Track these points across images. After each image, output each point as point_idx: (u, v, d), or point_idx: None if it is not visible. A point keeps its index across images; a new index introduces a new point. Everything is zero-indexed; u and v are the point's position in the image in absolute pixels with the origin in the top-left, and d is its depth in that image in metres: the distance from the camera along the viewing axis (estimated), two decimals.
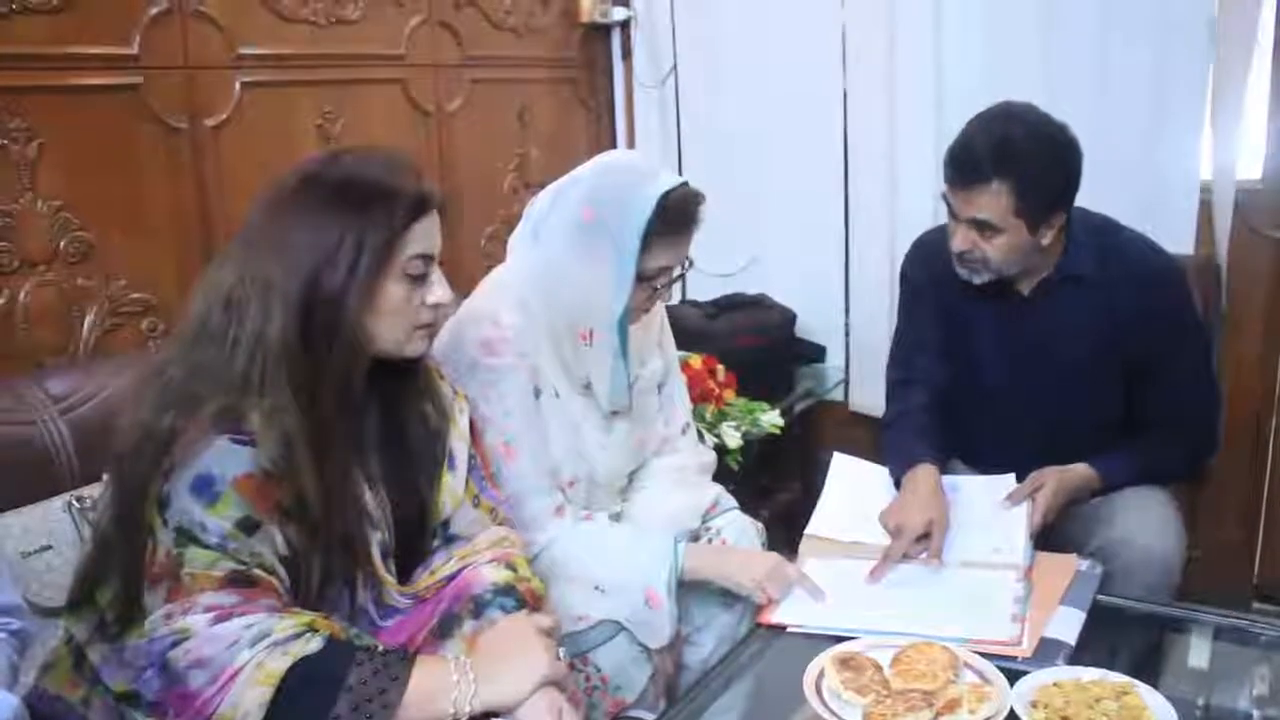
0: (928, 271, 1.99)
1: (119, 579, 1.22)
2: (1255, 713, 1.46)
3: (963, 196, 1.77)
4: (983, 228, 1.77)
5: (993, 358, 1.93)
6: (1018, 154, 1.73)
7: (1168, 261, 1.92)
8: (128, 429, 1.23)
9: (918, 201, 2.75)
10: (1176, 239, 2.31)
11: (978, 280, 1.84)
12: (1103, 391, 1.90)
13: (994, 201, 1.74)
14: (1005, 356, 1.92)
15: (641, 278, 1.61)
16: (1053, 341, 1.88)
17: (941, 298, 1.96)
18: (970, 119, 1.82)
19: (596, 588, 1.62)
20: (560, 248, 1.63)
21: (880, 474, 1.92)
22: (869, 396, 2.80)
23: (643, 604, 1.61)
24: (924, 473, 1.82)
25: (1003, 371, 1.93)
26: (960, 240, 1.80)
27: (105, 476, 1.30)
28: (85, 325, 1.88)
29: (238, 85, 2.10)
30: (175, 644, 1.14)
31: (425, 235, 1.30)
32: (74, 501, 1.51)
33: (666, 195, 1.59)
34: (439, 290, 1.32)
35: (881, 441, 2.00)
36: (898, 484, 1.85)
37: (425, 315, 1.33)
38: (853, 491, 1.90)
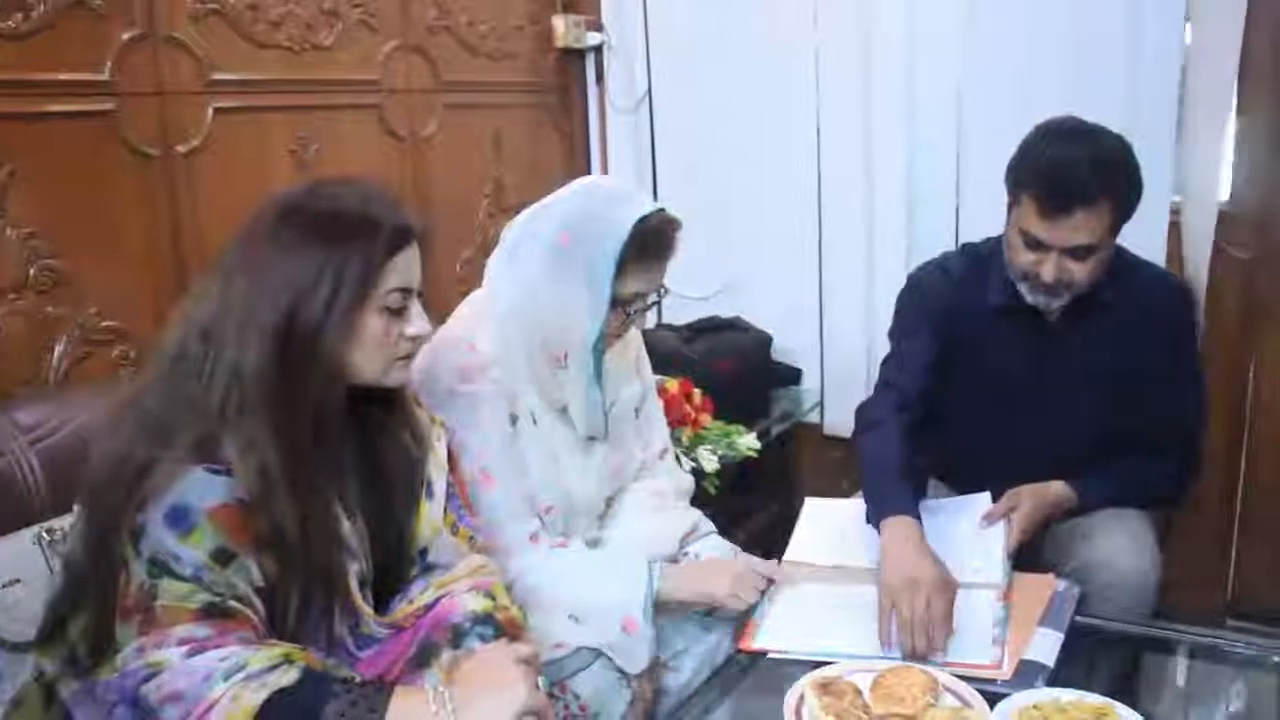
0: (946, 299, 1.94)
1: (91, 612, 1.20)
2: None
3: (1066, 223, 1.69)
4: (1079, 251, 1.72)
5: (1009, 383, 1.91)
6: (1116, 167, 1.70)
7: (1179, 283, 1.93)
8: (101, 459, 1.22)
9: (891, 224, 2.78)
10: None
11: (1055, 304, 1.80)
12: (1112, 412, 1.89)
13: (1096, 221, 1.68)
14: (1022, 381, 1.90)
15: (615, 303, 1.61)
16: (1072, 364, 1.87)
17: (954, 326, 1.91)
18: (1035, 143, 1.77)
19: (570, 616, 1.61)
20: (536, 272, 1.63)
21: (853, 506, 1.87)
22: (844, 419, 2.81)
23: (619, 630, 1.60)
24: (905, 531, 1.65)
25: (1017, 395, 1.91)
26: (1051, 269, 1.73)
27: (77, 508, 1.29)
28: (56, 354, 1.86)
29: (210, 111, 2.09)
30: (148, 678, 1.12)
31: (405, 268, 1.29)
32: (44, 534, 1.48)
33: (643, 221, 1.59)
34: (418, 323, 1.32)
35: (858, 446, 1.90)
36: (871, 520, 1.74)
37: (404, 347, 1.32)
38: (827, 525, 1.89)
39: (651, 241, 1.61)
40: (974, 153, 2.66)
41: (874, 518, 1.72)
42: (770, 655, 1.59)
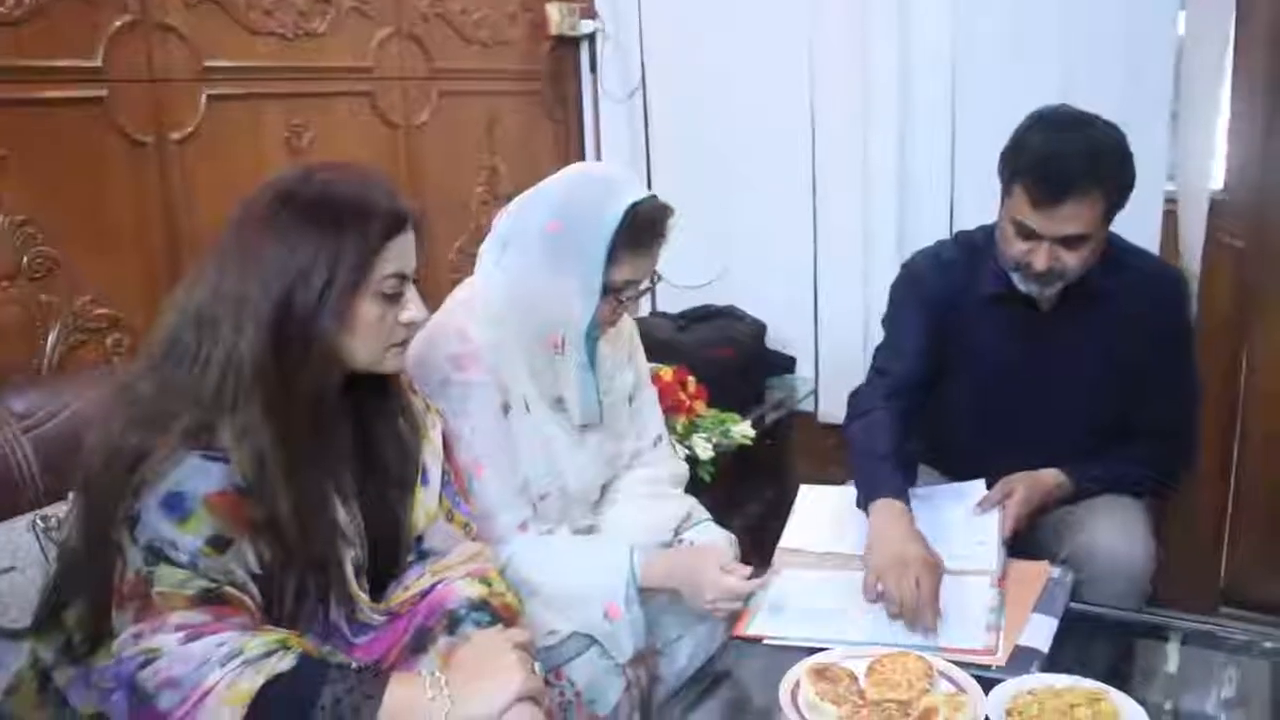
0: (940, 287, 1.93)
1: (87, 599, 1.20)
2: (1223, 715, 1.48)
3: (1058, 213, 1.69)
4: (1070, 240, 1.72)
5: (1002, 371, 1.91)
6: (1108, 157, 1.70)
7: (1175, 273, 1.93)
8: (96, 447, 1.22)
9: (886, 212, 2.78)
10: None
11: (1048, 293, 1.81)
12: (1103, 402, 1.89)
13: (1088, 211, 1.69)
14: (1016, 370, 1.90)
15: (607, 290, 1.61)
16: (1065, 354, 1.88)
17: (947, 313, 1.92)
18: (1028, 133, 1.76)
19: (552, 603, 1.61)
20: (528, 259, 1.63)
21: (848, 494, 1.87)
22: (838, 407, 2.80)
23: (601, 617, 1.60)
24: (894, 514, 1.68)
25: (1011, 383, 1.91)
26: (1043, 258, 1.72)
27: (71, 495, 1.29)
28: (49, 342, 1.85)
29: (204, 98, 2.08)
30: (145, 664, 1.13)
31: (400, 254, 1.29)
32: (39, 521, 1.48)
33: (634, 208, 1.59)
34: (413, 309, 1.32)
35: (849, 432, 1.92)
36: (860, 504, 1.77)
37: (399, 333, 1.32)
38: (822, 512, 1.89)
39: (643, 228, 1.61)
40: (968, 141, 2.65)
41: (863, 502, 1.74)
42: (765, 642, 1.59)
